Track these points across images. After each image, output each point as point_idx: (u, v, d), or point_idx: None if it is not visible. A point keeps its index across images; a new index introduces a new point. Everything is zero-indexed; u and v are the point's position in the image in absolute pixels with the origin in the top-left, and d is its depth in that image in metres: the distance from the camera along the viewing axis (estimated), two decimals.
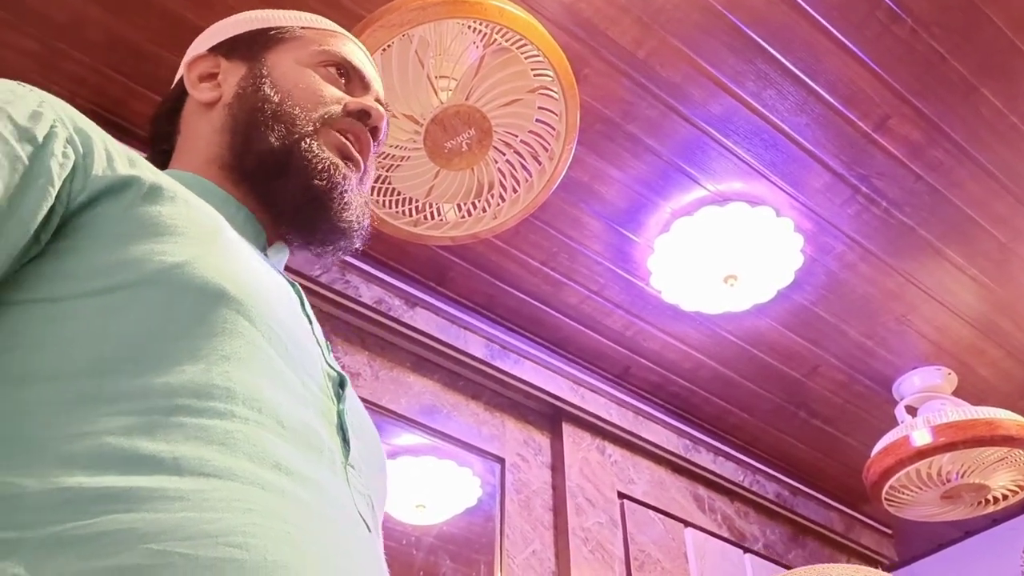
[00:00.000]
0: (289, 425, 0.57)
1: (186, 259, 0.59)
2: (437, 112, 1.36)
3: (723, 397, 2.27)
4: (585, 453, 2.06)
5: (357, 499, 0.62)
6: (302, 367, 0.63)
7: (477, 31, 1.33)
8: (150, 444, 0.50)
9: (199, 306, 0.57)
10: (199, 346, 0.56)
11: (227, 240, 0.65)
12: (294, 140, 0.79)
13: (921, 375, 2.19)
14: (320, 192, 0.78)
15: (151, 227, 0.61)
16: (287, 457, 0.55)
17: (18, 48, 1.47)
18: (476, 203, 1.51)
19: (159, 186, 0.64)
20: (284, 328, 0.63)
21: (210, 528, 0.47)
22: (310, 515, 0.53)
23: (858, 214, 1.83)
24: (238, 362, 0.57)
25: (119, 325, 0.55)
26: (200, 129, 0.84)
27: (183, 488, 0.49)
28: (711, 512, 2.26)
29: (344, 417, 0.66)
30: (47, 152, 0.59)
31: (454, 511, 1.86)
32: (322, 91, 0.83)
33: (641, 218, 1.83)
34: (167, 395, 0.53)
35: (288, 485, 0.53)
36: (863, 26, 1.53)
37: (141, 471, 0.49)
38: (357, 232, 0.82)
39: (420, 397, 1.85)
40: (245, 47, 0.87)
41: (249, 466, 0.52)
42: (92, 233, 0.60)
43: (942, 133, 1.70)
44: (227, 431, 0.53)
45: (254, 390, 0.56)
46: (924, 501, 2.10)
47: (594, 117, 1.64)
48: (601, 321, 2.05)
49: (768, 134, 1.69)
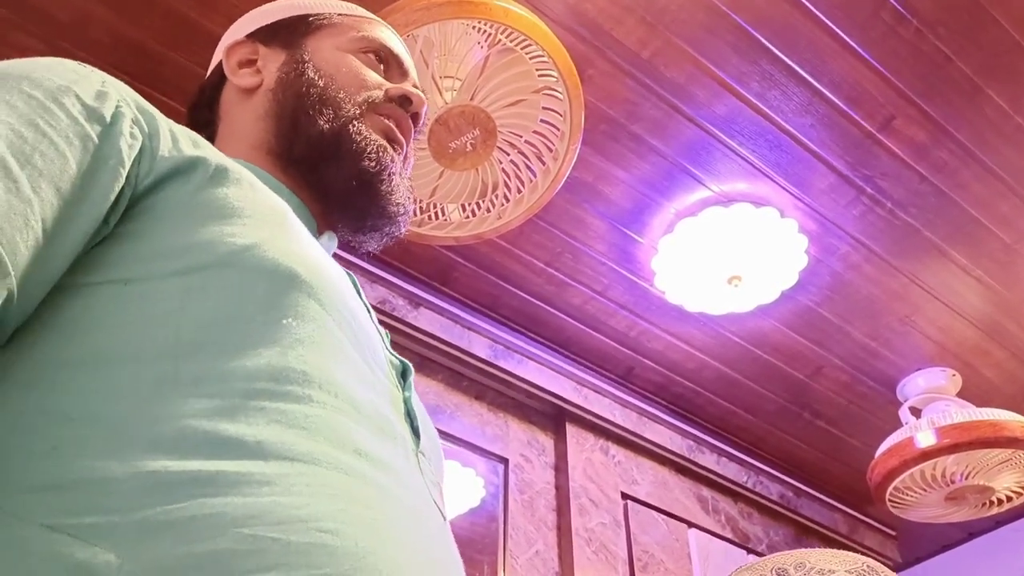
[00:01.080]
0: (364, 411, 0.57)
1: (256, 241, 0.58)
2: (442, 112, 1.36)
3: (727, 398, 2.27)
4: (589, 454, 2.06)
5: (431, 487, 0.61)
6: (370, 353, 0.63)
7: (482, 31, 1.32)
8: (232, 427, 0.49)
9: (271, 289, 0.57)
10: (273, 329, 0.55)
11: (293, 224, 0.65)
12: (342, 124, 0.79)
13: (925, 376, 2.18)
14: (370, 175, 0.78)
15: (220, 209, 0.60)
16: (366, 442, 0.54)
17: (22, 47, 1.47)
18: (480, 203, 1.51)
19: (225, 168, 0.63)
20: (352, 314, 0.62)
21: (300, 513, 0.47)
22: (392, 502, 0.53)
23: (863, 215, 1.83)
24: (312, 346, 0.56)
25: (193, 307, 0.54)
26: (242, 115, 0.83)
27: (268, 472, 0.48)
28: (715, 513, 2.25)
29: (411, 405, 0.66)
30: (116, 132, 0.58)
31: (457, 511, 1.85)
32: (364, 76, 0.83)
33: (645, 219, 1.83)
34: (246, 378, 0.52)
35: (369, 471, 0.53)
36: (868, 27, 1.52)
37: (226, 455, 0.48)
38: (404, 216, 0.82)
39: (424, 397, 1.85)
40: (284, 33, 0.87)
41: (331, 451, 0.52)
42: (161, 215, 0.59)
43: (947, 134, 1.69)
44: (307, 415, 0.52)
45: (329, 374, 0.55)
46: (928, 502, 2.10)
47: (598, 117, 1.64)
48: (605, 322, 2.05)
49: (772, 135, 1.69)
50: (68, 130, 0.55)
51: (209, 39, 1.48)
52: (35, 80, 0.57)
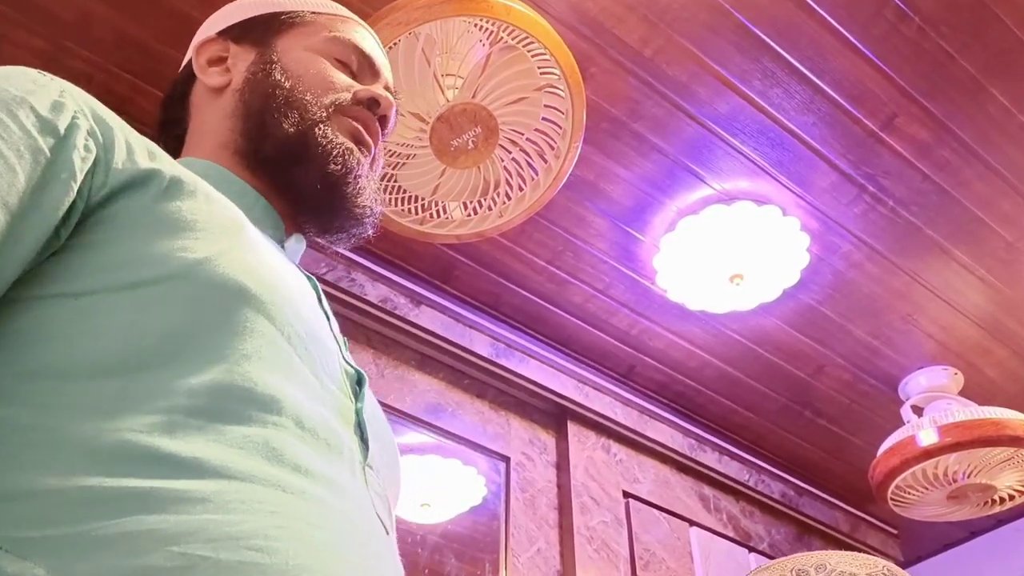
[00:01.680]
0: (308, 426, 0.57)
1: (208, 255, 0.58)
2: (443, 110, 1.36)
3: (728, 396, 2.26)
4: (590, 452, 2.06)
5: (375, 500, 0.61)
6: (321, 365, 0.62)
7: (483, 29, 1.32)
8: (171, 444, 0.50)
9: (221, 304, 0.57)
10: (221, 345, 0.55)
11: (249, 235, 0.65)
12: (308, 126, 0.78)
13: (927, 375, 2.18)
14: (336, 177, 0.78)
15: (173, 223, 0.60)
16: (307, 459, 0.55)
17: (25, 45, 1.47)
18: (482, 201, 1.51)
19: (180, 179, 0.63)
20: (304, 325, 0.62)
21: (233, 531, 0.47)
22: (331, 517, 0.53)
23: (865, 213, 1.83)
24: (259, 361, 0.56)
25: (143, 322, 0.55)
26: (211, 114, 0.83)
27: (204, 490, 0.48)
28: (716, 511, 2.25)
29: (362, 416, 0.65)
30: (69, 145, 0.58)
31: (459, 510, 1.86)
32: (332, 78, 0.83)
33: (647, 217, 1.83)
34: (189, 395, 0.52)
35: (309, 487, 0.53)
36: (871, 25, 1.52)
37: (163, 472, 0.48)
38: (370, 218, 0.82)
39: (425, 395, 1.85)
40: (255, 31, 0.86)
41: (269, 468, 0.52)
42: (114, 228, 0.59)
43: (950, 132, 1.69)
44: (246, 433, 0.53)
45: (274, 391, 0.56)
46: (930, 501, 2.10)
47: (600, 116, 1.64)
48: (606, 320, 2.05)
49: (774, 133, 1.69)
50: (20, 143, 0.55)
51: None
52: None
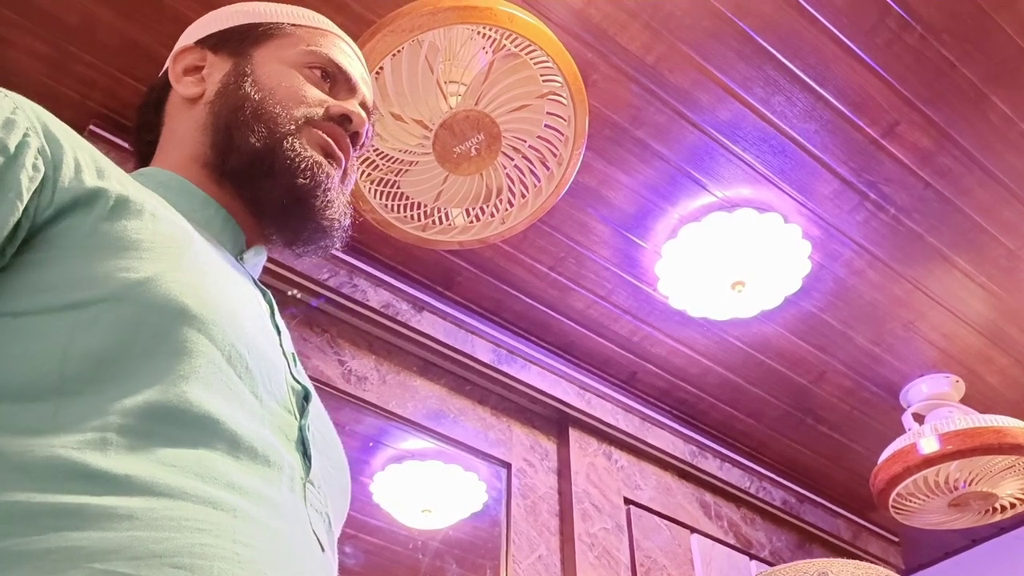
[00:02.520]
0: (245, 445, 0.57)
1: (150, 276, 0.58)
2: (446, 117, 1.37)
3: (730, 403, 2.26)
4: (591, 458, 2.05)
5: (313, 517, 0.61)
6: (263, 384, 0.62)
7: (487, 37, 1.33)
8: (102, 460, 0.50)
9: (161, 324, 0.57)
10: (157, 366, 0.56)
11: (195, 254, 0.64)
12: (276, 140, 0.78)
13: (929, 382, 2.18)
14: (304, 191, 0.78)
15: (116, 242, 0.60)
16: (240, 477, 0.55)
17: (29, 50, 1.47)
18: (484, 208, 1.51)
19: (126, 198, 0.63)
20: (248, 344, 0.62)
21: (157, 548, 0.47)
22: (262, 534, 0.53)
23: (866, 221, 1.83)
24: (195, 381, 0.56)
25: (81, 342, 0.55)
26: (183, 124, 0.83)
27: (133, 507, 0.49)
28: (717, 519, 2.25)
29: (305, 432, 0.65)
30: (18, 164, 0.58)
31: (460, 516, 1.85)
32: (304, 92, 0.82)
33: (649, 224, 1.83)
34: (122, 415, 0.53)
35: (241, 504, 0.53)
36: (873, 33, 1.53)
37: (92, 489, 0.49)
38: (338, 231, 0.82)
39: (427, 401, 1.85)
40: (233, 42, 0.86)
41: (200, 485, 0.52)
42: (58, 247, 0.59)
43: (951, 140, 1.69)
44: (178, 452, 0.53)
45: (210, 410, 0.56)
46: (931, 509, 2.10)
47: (603, 122, 1.64)
48: (608, 326, 2.05)
49: (776, 140, 1.69)
50: None
51: None
52: None
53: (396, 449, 1.82)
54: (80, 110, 1.55)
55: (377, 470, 1.79)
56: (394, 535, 1.74)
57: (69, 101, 1.53)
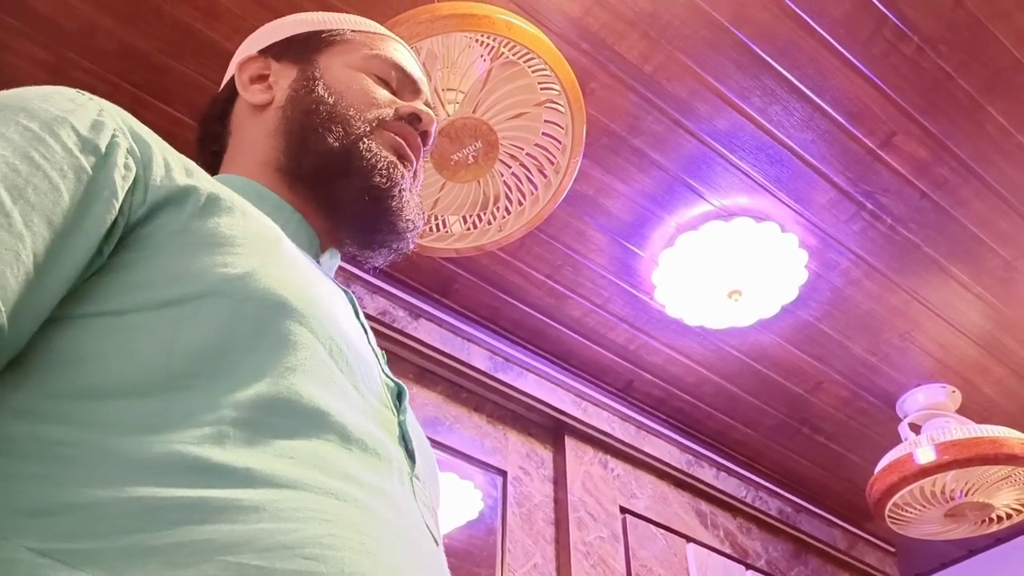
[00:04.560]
0: (355, 437, 0.57)
1: (247, 270, 0.59)
2: (444, 124, 1.37)
3: (726, 412, 2.26)
4: (587, 467, 2.05)
5: (424, 511, 0.62)
6: (362, 378, 0.63)
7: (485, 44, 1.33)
8: (221, 455, 0.50)
9: (262, 318, 0.57)
10: (263, 359, 0.56)
11: (286, 250, 0.65)
12: (352, 140, 0.79)
13: (925, 392, 2.18)
14: (381, 191, 0.79)
15: (211, 238, 0.60)
16: (355, 468, 0.55)
17: (28, 56, 1.47)
18: (481, 215, 1.52)
19: (217, 196, 0.64)
20: (345, 339, 0.63)
21: (286, 539, 0.47)
22: (384, 526, 0.53)
23: (863, 230, 1.83)
24: (302, 374, 0.56)
25: (185, 338, 0.55)
26: (253, 131, 0.84)
27: (256, 499, 0.48)
28: (713, 528, 2.25)
29: (405, 428, 0.66)
30: (110, 163, 0.58)
31: (455, 524, 1.85)
32: (375, 94, 0.84)
33: (646, 232, 1.84)
34: (235, 408, 0.53)
35: (360, 495, 0.53)
36: (870, 43, 1.53)
37: (213, 482, 0.49)
38: (413, 232, 0.82)
39: (423, 409, 1.85)
40: (296, 50, 0.87)
41: (320, 476, 0.52)
42: (153, 245, 0.59)
43: (948, 151, 1.70)
44: (294, 443, 0.53)
45: (319, 403, 0.56)
46: (927, 519, 2.09)
47: (600, 131, 1.65)
48: (605, 335, 2.05)
49: (774, 150, 1.69)
50: (63, 162, 0.56)
51: (214, 50, 1.49)
52: (31, 111, 0.57)
53: None
54: None
55: None
56: None
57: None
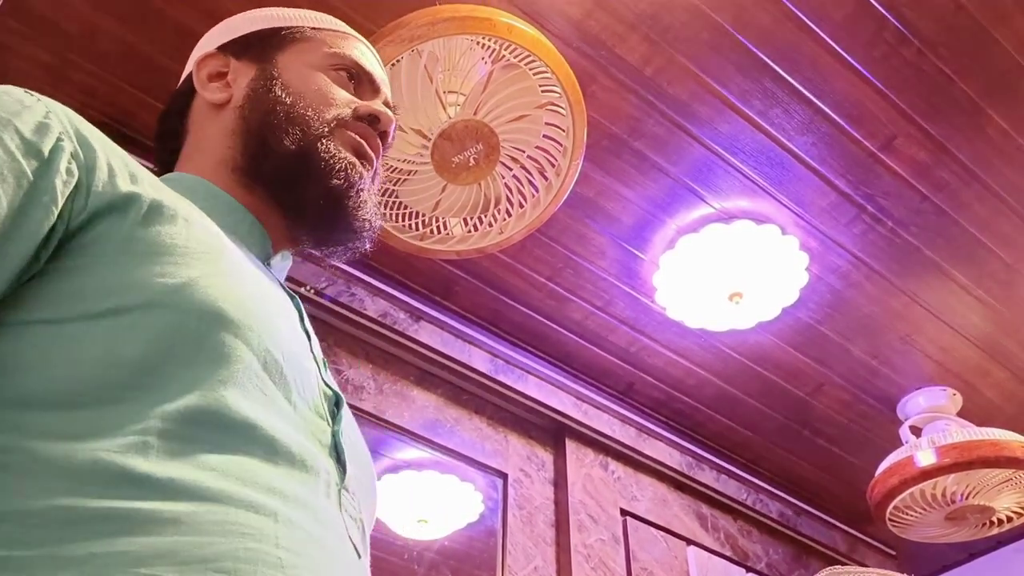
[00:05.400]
0: (282, 450, 0.57)
1: (186, 281, 0.58)
2: (445, 127, 1.37)
3: (727, 415, 2.26)
4: (588, 469, 2.05)
5: (348, 524, 0.62)
6: (297, 390, 0.63)
7: (486, 47, 1.33)
8: (145, 464, 0.50)
9: (199, 330, 0.57)
10: (198, 371, 0.56)
11: (229, 259, 0.65)
12: (310, 142, 0.79)
13: (926, 395, 2.18)
14: (339, 192, 0.78)
15: (152, 248, 0.60)
16: (280, 482, 0.55)
17: (30, 58, 1.48)
18: (482, 218, 1.52)
19: (160, 203, 0.63)
20: (282, 349, 0.62)
21: (202, 553, 0.48)
22: (303, 539, 0.53)
23: (864, 233, 1.83)
24: (233, 387, 0.56)
25: (121, 349, 0.55)
26: (210, 130, 0.83)
27: (177, 511, 0.49)
28: (714, 530, 2.25)
29: (339, 438, 0.65)
30: (52, 169, 0.58)
31: (456, 526, 1.85)
32: (333, 94, 0.83)
33: (647, 235, 1.84)
34: (163, 419, 0.53)
35: (282, 508, 0.54)
36: (871, 47, 1.53)
37: (135, 493, 0.49)
38: (369, 232, 0.82)
39: (423, 411, 1.85)
40: (256, 47, 0.86)
41: (243, 489, 0.52)
42: (93, 253, 0.59)
43: (949, 154, 1.70)
44: (220, 456, 0.53)
45: (248, 415, 0.56)
46: (928, 522, 2.09)
47: (601, 134, 1.65)
48: (605, 337, 2.05)
49: (774, 153, 1.69)
50: (3, 166, 0.55)
51: None
52: None
53: (392, 459, 1.82)
54: None
55: None
56: (390, 545, 1.74)
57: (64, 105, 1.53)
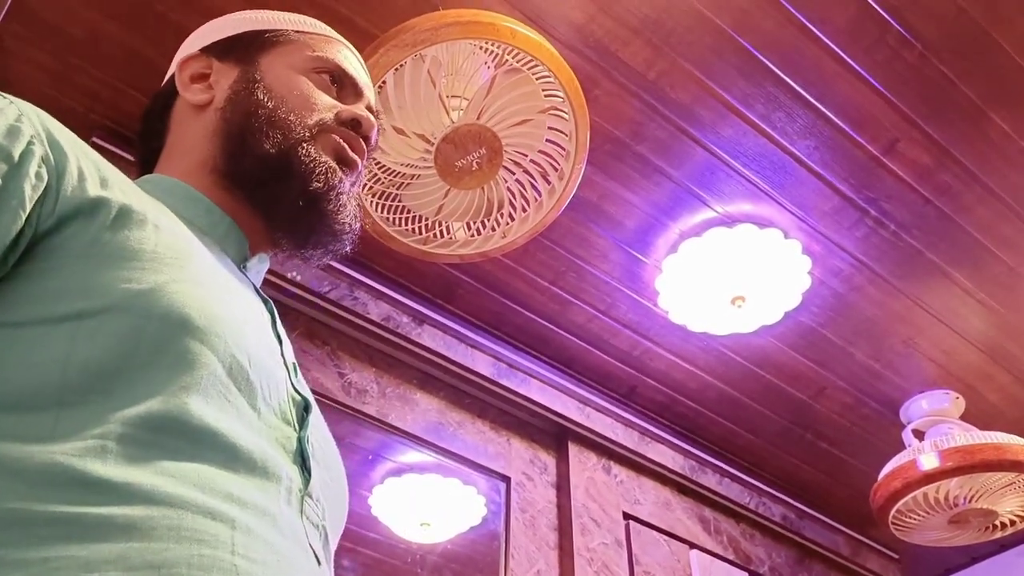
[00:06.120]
0: (243, 457, 0.57)
1: (152, 286, 0.58)
2: (448, 131, 1.37)
3: (730, 418, 2.26)
4: (591, 473, 2.05)
5: (310, 531, 0.61)
6: (263, 396, 0.62)
7: (489, 52, 1.33)
8: (102, 468, 0.50)
9: (163, 335, 0.57)
10: (159, 377, 0.55)
11: (198, 265, 0.64)
12: (290, 145, 0.79)
13: (929, 399, 2.18)
14: (318, 195, 0.79)
15: (118, 252, 0.60)
16: (239, 488, 0.55)
17: (34, 62, 1.48)
18: (485, 222, 1.52)
19: (128, 209, 0.63)
20: (249, 355, 0.62)
21: (155, 559, 0.47)
22: (260, 546, 0.53)
23: (866, 237, 1.83)
24: (196, 394, 0.56)
25: (82, 353, 0.54)
26: (191, 131, 0.83)
27: (132, 516, 0.48)
28: (717, 534, 2.24)
29: (305, 444, 0.65)
30: (22, 173, 0.58)
31: (459, 529, 1.85)
32: (315, 98, 0.83)
33: (649, 238, 1.84)
34: (123, 424, 0.52)
35: (239, 515, 0.53)
36: (873, 50, 1.53)
37: (90, 497, 0.49)
38: (349, 235, 0.82)
39: (426, 414, 1.85)
40: (239, 49, 0.86)
41: (200, 496, 0.52)
42: (60, 257, 0.59)
43: (951, 157, 1.70)
44: (178, 462, 0.53)
45: (208, 422, 0.56)
46: (931, 526, 2.09)
47: (604, 138, 1.65)
48: (608, 341, 2.05)
49: (777, 156, 1.69)
50: None
51: None
52: None
53: (395, 462, 1.82)
54: (83, 122, 1.55)
55: (376, 483, 1.79)
56: (392, 548, 1.74)
57: (72, 113, 1.54)
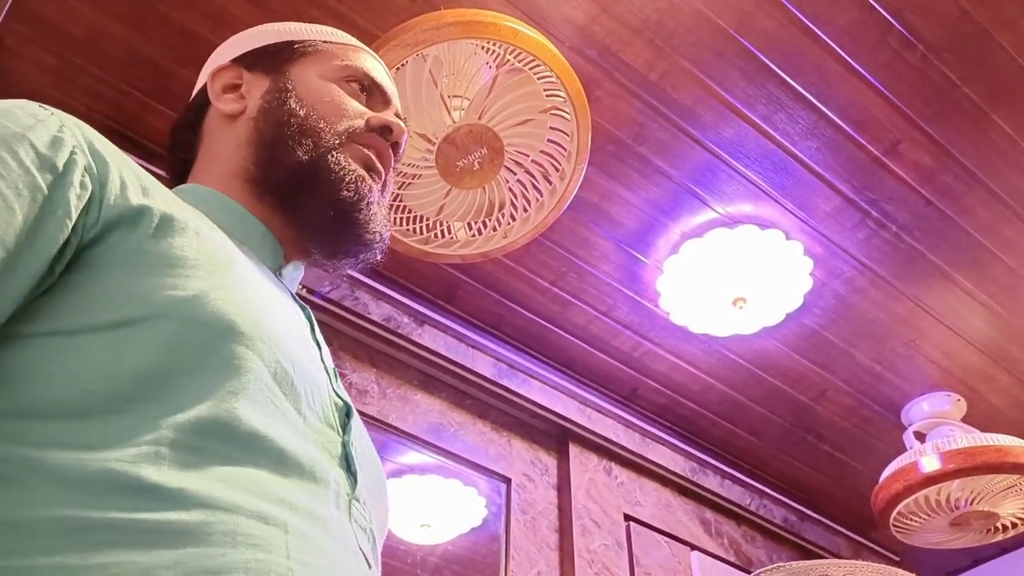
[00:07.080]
0: (291, 461, 0.57)
1: (196, 293, 0.59)
2: (450, 131, 1.37)
3: (731, 420, 2.26)
4: (592, 474, 2.05)
5: (359, 534, 0.62)
6: (307, 401, 0.63)
7: (490, 52, 1.33)
8: (156, 474, 0.50)
9: (209, 341, 0.57)
10: (207, 382, 0.56)
11: (239, 272, 0.65)
12: (321, 154, 0.79)
13: (930, 401, 2.18)
14: (347, 204, 0.79)
15: (162, 260, 0.60)
16: (289, 493, 0.55)
17: (36, 62, 1.48)
18: (486, 222, 1.52)
19: (171, 216, 0.64)
20: (292, 361, 0.63)
21: (211, 564, 0.47)
22: (313, 550, 0.54)
23: (868, 238, 1.83)
24: (244, 398, 0.57)
25: (129, 360, 0.55)
26: (223, 141, 0.84)
27: (187, 521, 0.49)
28: (718, 536, 2.24)
29: (349, 448, 0.66)
30: (66, 182, 0.58)
31: (459, 531, 1.85)
32: (346, 106, 0.84)
33: (650, 239, 1.84)
34: (174, 430, 0.53)
35: (291, 519, 0.54)
36: (875, 52, 1.53)
37: (145, 504, 0.49)
38: (379, 244, 0.82)
39: (427, 415, 1.85)
40: (269, 60, 0.87)
41: (253, 500, 0.52)
42: (104, 266, 0.59)
43: (953, 159, 1.70)
44: (230, 467, 0.53)
45: (257, 427, 0.56)
46: (932, 528, 2.09)
47: (605, 138, 1.65)
48: (609, 342, 2.05)
49: (778, 157, 1.69)
50: (18, 180, 0.56)
51: None
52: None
53: (395, 463, 1.82)
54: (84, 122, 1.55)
55: None
56: (393, 550, 1.74)
57: (75, 113, 1.52)
